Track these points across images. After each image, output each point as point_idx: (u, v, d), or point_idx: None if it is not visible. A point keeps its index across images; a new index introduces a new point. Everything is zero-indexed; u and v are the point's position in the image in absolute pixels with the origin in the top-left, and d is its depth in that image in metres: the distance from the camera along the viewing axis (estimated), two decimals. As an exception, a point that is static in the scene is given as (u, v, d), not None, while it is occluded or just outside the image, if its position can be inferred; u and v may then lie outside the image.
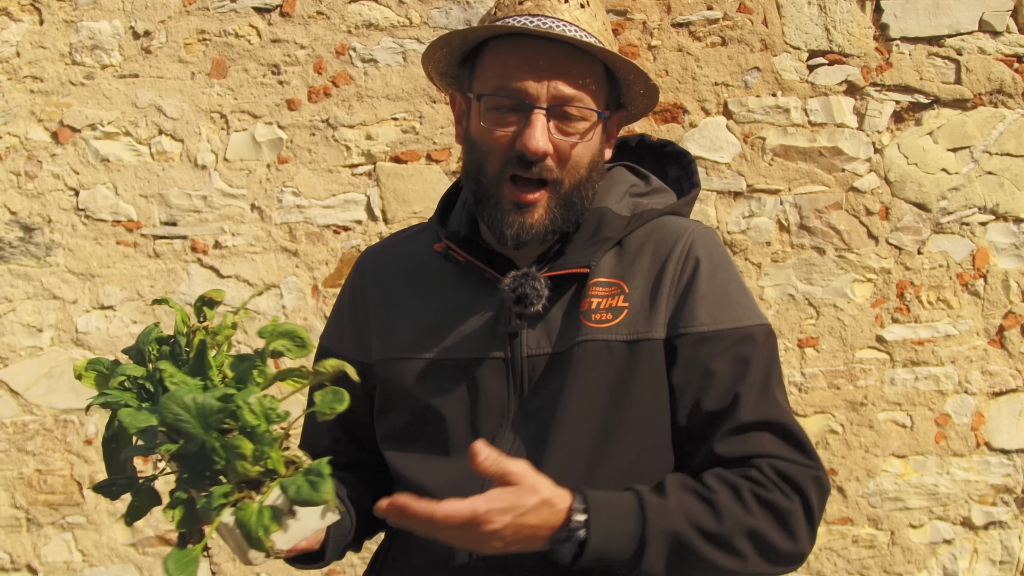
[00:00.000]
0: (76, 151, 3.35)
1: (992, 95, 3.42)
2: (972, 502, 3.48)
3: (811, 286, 3.44)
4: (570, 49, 1.41)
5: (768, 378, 1.44)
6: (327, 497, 1.18)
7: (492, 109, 1.43)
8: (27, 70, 3.34)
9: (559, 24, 1.41)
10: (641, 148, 1.68)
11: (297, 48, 3.37)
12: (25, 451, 3.37)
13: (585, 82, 1.42)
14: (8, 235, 3.35)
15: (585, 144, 1.44)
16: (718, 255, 1.49)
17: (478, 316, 1.49)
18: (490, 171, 1.44)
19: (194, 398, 1.18)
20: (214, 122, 3.38)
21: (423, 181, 3.40)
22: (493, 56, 1.44)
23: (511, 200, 1.43)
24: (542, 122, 1.39)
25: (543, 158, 1.40)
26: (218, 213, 3.38)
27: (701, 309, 1.44)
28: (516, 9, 1.44)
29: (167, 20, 3.35)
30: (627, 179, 1.59)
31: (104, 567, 3.39)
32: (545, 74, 1.40)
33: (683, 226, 1.51)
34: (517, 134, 1.41)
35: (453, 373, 1.48)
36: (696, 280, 1.45)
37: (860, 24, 3.40)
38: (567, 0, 1.44)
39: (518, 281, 1.43)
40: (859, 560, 3.48)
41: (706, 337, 1.43)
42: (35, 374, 3.36)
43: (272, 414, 1.21)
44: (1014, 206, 3.45)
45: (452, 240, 1.52)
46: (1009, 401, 3.48)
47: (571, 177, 1.44)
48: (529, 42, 1.41)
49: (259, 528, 1.18)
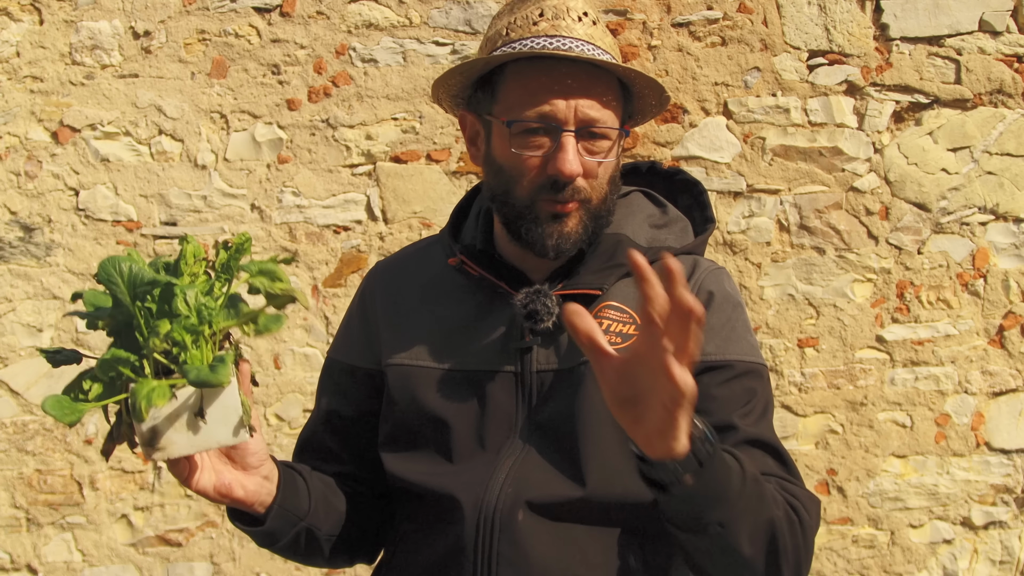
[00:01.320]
0: (76, 151, 3.36)
1: (992, 95, 3.43)
2: (972, 502, 3.48)
3: (811, 286, 3.44)
4: (590, 68, 1.42)
5: (766, 411, 1.48)
6: (222, 379, 1.16)
7: (521, 134, 1.43)
8: (27, 70, 3.34)
9: (577, 44, 1.42)
10: (651, 174, 1.69)
11: (297, 48, 3.37)
12: (25, 451, 3.37)
13: (607, 100, 1.44)
14: (8, 235, 3.35)
15: (608, 161, 1.46)
16: (730, 292, 1.53)
17: (490, 330, 1.50)
18: (521, 194, 1.45)
19: (130, 266, 1.18)
20: (214, 122, 3.38)
21: (423, 181, 3.40)
22: (516, 80, 1.44)
23: (549, 212, 1.44)
24: (573, 145, 1.41)
25: (574, 180, 1.42)
26: (218, 213, 3.38)
27: (710, 340, 1.46)
28: (531, 30, 1.44)
29: (167, 20, 3.36)
30: (645, 208, 1.61)
31: (104, 567, 3.39)
32: (572, 96, 1.41)
33: (698, 263, 1.55)
34: (547, 157, 1.43)
35: (463, 384, 1.49)
36: (707, 313, 1.47)
37: (860, 24, 3.40)
38: (580, 19, 1.44)
39: (530, 297, 1.45)
40: (859, 560, 3.48)
41: (713, 366, 1.45)
42: (35, 374, 3.36)
43: (206, 311, 1.19)
44: (1014, 206, 3.45)
45: (467, 254, 1.53)
46: (1009, 401, 3.49)
47: (598, 193, 1.46)
48: (551, 64, 1.42)
49: (143, 400, 1.15)
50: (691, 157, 3.42)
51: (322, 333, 3.38)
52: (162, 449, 1.21)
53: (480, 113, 1.50)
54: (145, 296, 1.18)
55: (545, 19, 1.44)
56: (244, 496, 1.36)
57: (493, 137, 1.48)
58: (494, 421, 1.47)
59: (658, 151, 3.42)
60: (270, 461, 1.41)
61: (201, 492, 1.31)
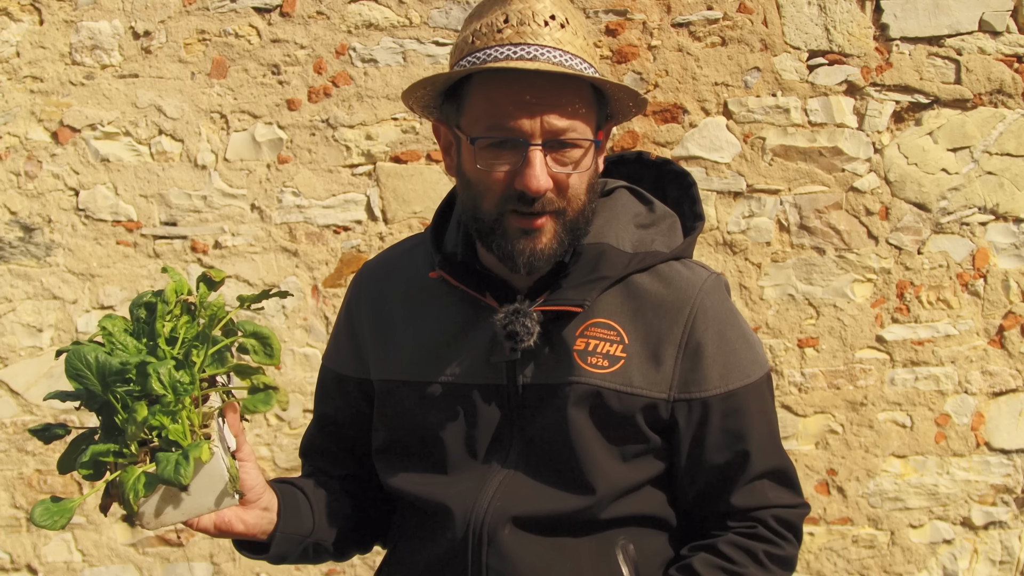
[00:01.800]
0: (76, 151, 3.37)
1: (992, 95, 3.43)
2: (972, 502, 3.49)
3: (811, 286, 3.45)
4: (556, 77, 1.37)
5: (772, 424, 1.52)
6: (183, 481, 1.23)
7: (486, 148, 1.39)
8: (27, 70, 3.35)
9: (543, 51, 1.36)
10: (638, 164, 1.65)
11: (297, 48, 3.37)
12: (25, 451, 3.39)
13: (576, 109, 1.38)
14: (8, 235, 3.36)
15: (581, 171, 1.41)
16: (726, 311, 1.50)
17: (474, 341, 1.48)
18: (488, 208, 1.41)
19: (96, 356, 1.23)
20: (214, 122, 3.39)
21: (423, 181, 3.41)
22: (480, 93, 1.39)
23: (517, 228, 1.40)
24: (540, 159, 1.36)
25: (542, 194, 1.38)
26: (218, 213, 3.39)
27: (712, 372, 1.46)
28: (496, 39, 1.38)
29: (167, 20, 3.36)
30: (631, 206, 1.56)
31: (104, 567, 3.40)
32: (537, 109, 1.35)
33: (691, 282, 1.49)
34: (514, 173, 1.38)
35: (450, 397, 1.49)
36: (705, 343, 1.46)
37: (860, 24, 3.41)
38: (547, 23, 1.38)
39: (509, 318, 1.42)
40: (859, 560, 3.49)
41: (718, 399, 1.46)
42: (35, 374, 3.38)
43: (181, 387, 1.24)
44: (1014, 206, 3.45)
45: (448, 263, 1.50)
46: (1009, 401, 3.49)
47: (573, 204, 1.42)
48: (515, 76, 1.36)
49: (130, 492, 1.23)
50: (691, 157, 3.42)
51: (322, 333, 3.39)
52: (151, 521, 1.30)
53: (450, 124, 1.47)
54: (116, 384, 1.23)
55: (510, 25, 1.38)
56: (244, 530, 1.41)
57: (462, 151, 1.44)
58: (483, 434, 1.47)
59: (658, 151, 3.42)
60: (268, 491, 1.45)
61: (203, 531, 1.36)
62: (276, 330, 3.38)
